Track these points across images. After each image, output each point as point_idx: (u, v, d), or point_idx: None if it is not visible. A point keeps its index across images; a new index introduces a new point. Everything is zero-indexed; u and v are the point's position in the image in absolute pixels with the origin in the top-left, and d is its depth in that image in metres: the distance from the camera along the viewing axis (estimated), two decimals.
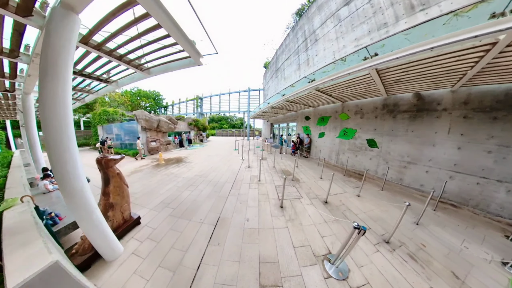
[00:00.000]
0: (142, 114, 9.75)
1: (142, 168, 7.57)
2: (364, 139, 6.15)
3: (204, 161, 8.41)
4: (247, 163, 7.73)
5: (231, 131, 30.63)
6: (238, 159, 8.76)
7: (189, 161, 8.54)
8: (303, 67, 10.20)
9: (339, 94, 5.93)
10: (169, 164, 8.11)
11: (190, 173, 6.50)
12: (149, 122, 10.22)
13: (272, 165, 7.38)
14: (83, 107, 15.82)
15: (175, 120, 12.65)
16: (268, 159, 8.80)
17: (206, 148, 13.28)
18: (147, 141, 10.50)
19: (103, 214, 2.66)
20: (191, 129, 16.03)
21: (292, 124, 12.90)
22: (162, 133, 11.74)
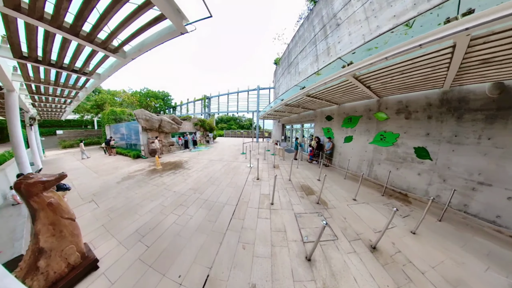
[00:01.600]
0: (141, 113, 9.02)
1: (136, 174, 6.70)
2: (410, 147, 4.56)
3: (204, 168, 7.30)
4: (255, 173, 6.43)
5: (240, 132, 29.63)
6: (245, 167, 7.48)
7: (188, 167, 7.50)
8: (322, 58, 8.65)
9: (381, 86, 4.36)
10: (166, 170, 7.15)
11: (185, 184, 5.41)
12: (150, 122, 9.46)
13: (288, 177, 5.98)
14: (95, 108, 15.99)
15: (179, 120, 11.87)
16: (281, 168, 7.42)
17: (211, 151, 12.28)
18: (147, 142, 9.77)
19: (31, 265, 1.79)
20: (197, 129, 15.24)
21: (308, 125, 11.37)
22: (164, 134, 10.99)
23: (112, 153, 11.45)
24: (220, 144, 16.86)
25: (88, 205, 4.17)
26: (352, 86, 4.66)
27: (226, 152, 11.47)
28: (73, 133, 19.55)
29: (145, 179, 6.02)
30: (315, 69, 9.46)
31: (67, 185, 4.22)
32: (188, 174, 6.49)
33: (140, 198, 4.49)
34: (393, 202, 4.17)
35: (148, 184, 5.56)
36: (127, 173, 6.97)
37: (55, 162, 9.82)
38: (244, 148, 11.68)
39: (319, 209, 3.82)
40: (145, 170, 7.22)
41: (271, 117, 15.26)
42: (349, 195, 4.53)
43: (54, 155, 12.87)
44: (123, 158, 10.18)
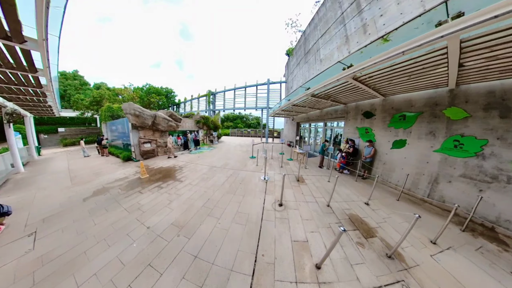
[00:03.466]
0: (129, 107, 7.30)
1: (113, 186, 4.99)
2: (506, 161, 2.59)
3: (202, 181, 5.35)
4: (275, 192, 4.43)
5: (247, 131, 27.47)
6: (258, 180, 5.37)
7: (180, 178, 5.61)
8: (356, 38, 6.57)
9: (474, 64, 2.12)
10: (151, 181, 5.33)
11: (167, 212, 3.53)
12: (141, 118, 7.73)
13: (324, 201, 3.97)
14: (94, 104, 14.83)
15: (177, 117, 10.10)
16: (308, 182, 5.34)
17: (214, 153, 10.38)
18: (138, 142, 8.06)
19: None
20: (200, 128, 13.46)
21: (335, 123, 9.19)
22: (160, 133, 9.26)
23: (104, 154, 9.98)
24: (225, 144, 14.97)
25: (23, 242, 2.64)
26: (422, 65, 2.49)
27: (232, 155, 9.51)
28: (75, 131, 18.71)
29: (119, 197, 4.25)
30: (345, 53, 7.27)
31: (6, 209, 3.14)
32: (178, 191, 4.58)
33: (95, 236, 2.75)
34: (486, 245, 2.41)
35: (119, 206, 3.77)
36: (105, 183, 5.26)
37: (45, 163, 8.63)
38: (253, 150, 9.62)
39: (395, 269, 1.96)
40: (127, 180, 5.45)
41: (283, 114, 13.10)
42: (422, 234, 2.74)
43: (51, 153, 12.01)
44: (114, 160, 8.61)
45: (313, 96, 6.42)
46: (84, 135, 18.42)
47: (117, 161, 8.49)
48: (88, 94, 16.15)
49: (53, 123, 20.02)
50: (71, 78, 22.27)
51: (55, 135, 18.23)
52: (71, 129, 18.97)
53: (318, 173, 6.11)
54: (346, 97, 6.34)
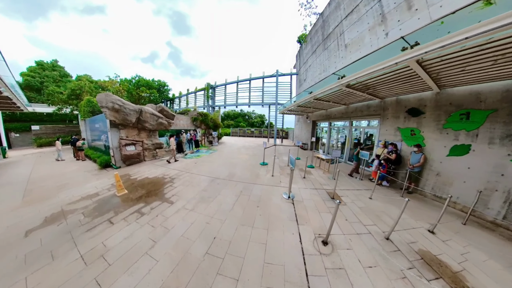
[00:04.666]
0: (106, 99, 5.96)
1: (75, 209, 3.72)
2: None
3: (201, 203, 4.04)
4: (308, 219, 3.28)
5: (250, 131, 26.10)
6: (280, 198, 4.15)
7: (170, 197, 4.28)
8: (397, 15, 5.65)
9: None
10: (130, 200, 4.02)
11: (148, 264, 2.25)
12: (121, 113, 6.41)
13: (381, 233, 3.00)
14: (73, 98, 13.47)
15: (169, 113, 8.79)
16: (346, 200, 4.14)
17: (215, 157, 9.07)
18: (119, 144, 6.75)
19: None
20: (197, 126, 12.13)
21: (364, 122, 8.10)
22: (147, 132, 7.95)
23: (80, 157, 8.67)
24: (226, 146, 13.68)
25: None
26: None
27: (237, 161, 8.21)
28: (52, 129, 17.31)
29: (79, 230, 3.01)
30: (381, 35, 6.31)
31: None
32: (166, 221, 3.27)
33: None
34: None
35: (73, 249, 2.53)
36: (67, 202, 4.02)
37: (4, 168, 7.37)
38: (263, 154, 8.34)
39: None
40: (98, 198, 4.15)
41: (298, 111, 11.81)
42: None
43: (20, 156, 10.78)
44: (89, 166, 7.33)
45: (348, 87, 5.20)
46: (62, 134, 17.06)
47: (93, 167, 7.16)
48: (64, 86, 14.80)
49: (27, 120, 18.61)
50: (49, 69, 20.82)
51: (29, 133, 16.90)
52: (48, 127, 17.57)
53: (352, 186, 5.01)
54: (390, 89, 5.20)
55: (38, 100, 18.91)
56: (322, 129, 12.27)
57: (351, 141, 9.24)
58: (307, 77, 13.18)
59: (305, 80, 13.57)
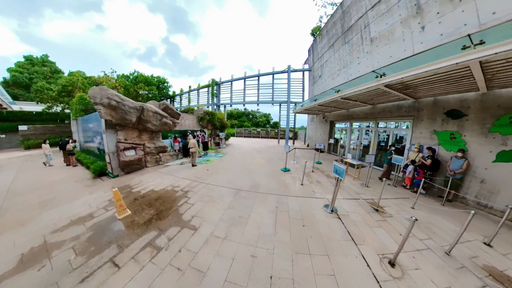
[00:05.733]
0: (101, 93, 5.04)
1: (64, 239, 2.84)
2: None
3: (232, 225, 3.22)
4: (364, 237, 3.01)
5: (256, 131, 25.17)
6: (324, 216, 3.58)
7: (190, 219, 3.41)
8: (435, 7, 5.20)
9: None
10: (137, 229, 3.12)
11: None
12: (119, 111, 5.50)
13: (439, 247, 2.83)
14: (63, 95, 12.51)
15: (174, 111, 7.89)
16: (387, 209, 3.69)
17: (227, 163, 8.18)
18: (117, 148, 5.85)
19: None
20: (203, 126, 11.22)
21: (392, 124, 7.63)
22: (150, 134, 7.05)
23: (71, 163, 7.75)
24: (235, 148, 12.82)
25: None
26: None
27: (254, 167, 7.40)
28: (41, 129, 16.23)
29: (68, 281, 2.13)
30: (415, 28, 5.80)
31: None
32: (194, 258, 2.41)
33: None
34: None
35: None
36: (51, 229, 3.18)
37: None
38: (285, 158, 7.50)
39: None
40: (93, 223, 3.28)
41: (316, 110, 10.94)
42: None
43: (4, 159, 9.84)
44: (81, 174, 6.47)
45: (387, 86, 4.74)
46: (52, 135, 16.04)
47: (85, 175, 6.26)
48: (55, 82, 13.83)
49: (14, 119, 17.55)
50: (39, 64, 19.80)
51: (16, 134, 15.87)
52: (37, 127, 16.48)
53: (389, 194, 4.73)
54: (432, 90, 4.85)
55: (26, 97, 17.89)
56: (341, 130, 11.49)
57: (376, 143, 8.58)
58: (323, 73, 12.35)
59: (321, 76, 12.73)
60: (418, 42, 5.94)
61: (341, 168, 3.49)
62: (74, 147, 7.84)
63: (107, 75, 14.26)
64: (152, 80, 18.72)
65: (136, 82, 15.87)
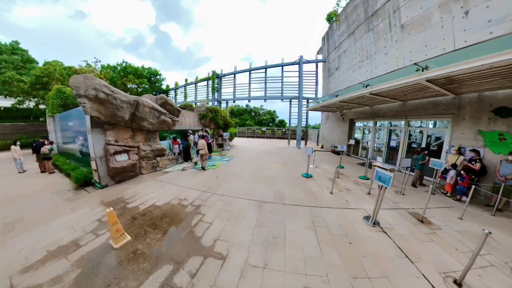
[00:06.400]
0: (86, 83, 4.35)
1: (45, 280, 2.17)
2: None
3: (268, 251, 2.73)
4: (419, 253, 2.91)
5: (261, 131, 24.54)
6: (367, 230, 3.44)
7: (212, 244, 2.86)
8: None
9: None
10: (144, 258, 2.50)
11: None
12: (108, 106, 4.84)
13: (506, 266, 2.65)
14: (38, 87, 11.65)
15: (174, 107, 7.24)
16: (433, 220, 3.77)
17: (238, 169, 7.56)
18: (105, 152, 5.19)
19: None
20: (205, 125, 10.57)
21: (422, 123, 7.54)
22: (145, 134, 6.40)
23: (47, 169, 7.02)
24: (241, 150, 12.28)
25: None
26: None
27: (270, 172, 6.93)
28: (10, 128, 15.24)
29: None
30: (457, 13, 5.52)
31: None
32: None
33: None
34: None
35: None
36: (19, 267, 2.55)
37: None
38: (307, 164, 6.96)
39: None
40: (79, 255, 2.67)
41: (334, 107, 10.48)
42: None
43: None
44: (59, 183, 5.83)
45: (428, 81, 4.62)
46: (23, 135, 15.07)
47: (65, 185, 5.56)
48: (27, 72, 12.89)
49: None
50: (8, 52, 18.66)
51: None
52: (5, 125, 15.46)
53: (430, 204, 4.15)
54: (479, 85, 4.68)
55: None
56: (362, 129, 11.07)
57: (405, 145, 8.18)
58: (341, 65, 11.94)
59: (338, 68, 12.33)
60: (460, 30, 5.66)
61: (386, 175, 3.33)
62: (51, 150, 7.09)
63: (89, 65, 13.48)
64: (143, 72, 17.78)
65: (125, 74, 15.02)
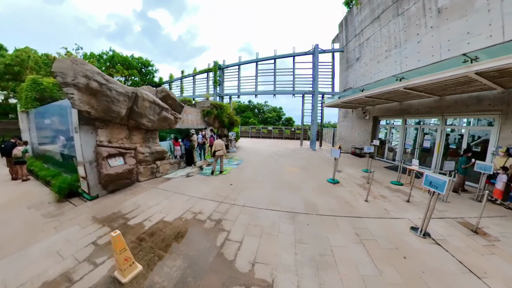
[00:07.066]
0: (75, 69, 3.77)
1: None
2: None
3: (320, 271, 2.48)
4: (481, 267, 2.82)
5: (267, 130, 24.06)
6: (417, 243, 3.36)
7: (249, 268, 2.45)
8: None
9: None
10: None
11: None
12: (101, 98, 4.28)
13: None
14: (7, 78, 10.90)
15: (177, 102, 6.68)
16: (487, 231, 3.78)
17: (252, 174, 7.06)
18: (96, 155, 4.64)
19: None
20: (209, 123, 10.04)
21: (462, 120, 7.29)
22: (143, 134, 5.86)
23: (19, 175, 6.40)
24: (249, 152, 11.84)
25: None
26: None
27: (290, 177, 6.57)
28: None
29: None
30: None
31: None
32: None
33: None
34: None
35: None
36: None
37: None
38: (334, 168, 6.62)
39: None
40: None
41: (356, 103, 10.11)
42: None
43: None
44: (37, 192, 5.28)
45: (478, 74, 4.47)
46: None
47: (44, 195, 4.97)
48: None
49: None
50: None
51: None
52: None
53: (478, 212, 4.12)
54: None
55: None
56: (389, 128, 10.74)
57: (442, 146, 7.88)
58: (363, 55, 11.63)
59: (359, 59, 12.00)
60: (511, 14, 5.39)
61: (439, 180, 3.25)
62: (25, 152, 6.42)
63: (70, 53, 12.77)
64: (133, 62, 16.99)
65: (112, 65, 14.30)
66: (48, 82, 9.10)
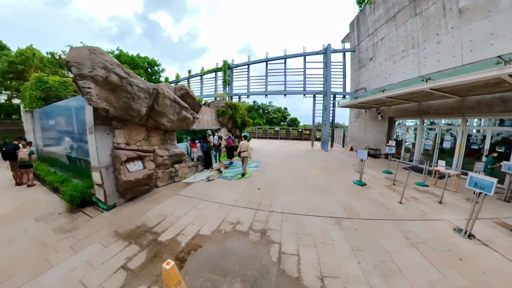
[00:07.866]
0: (92, 58, 3.23)
1: None
2: None
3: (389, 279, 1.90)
4: None
5: (273, 131, 23.46)
6: (467, 245, 3.19)
7: (319, 285, 1.91)
8: None
9: None
10: None
11: None
12: (121, 94, 3.73)
13: None
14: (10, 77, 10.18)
15: (196, 101, 6.08)
16: None
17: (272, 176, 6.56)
18: (113, 159, 4.04)
19: None
20: (223, 124, 9.44)
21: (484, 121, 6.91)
22: (161, 135, 5.27)
23: (25, 180, 5.76)
24: (262, 154, 11.17)
25: None
26: None
27: (316, 180, 6.10)
28: None
29: None
30: None
31: None
32: None
33: None
34: None
35: None
36: None
37: None
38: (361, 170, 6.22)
39: None
40: None
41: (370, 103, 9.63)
42: None
43: None
44: (45, 201, 4.63)
45: None
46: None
47: (52, 204, 4.36)
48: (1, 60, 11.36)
49: None
50: None
51: None
52: None
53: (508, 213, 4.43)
54: None
55: None
56: (405, 129, 10.28)
57: (463, 147, 7.46)
58: (377, 55, 11.18)
59: (372, 59, 11.55)
60: None
61: (486, 181, 3.13)
62: (32, 154, 5.74)
63: None
64: (139, 61, 16.31)
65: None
66: (53, 81, 8.49)
